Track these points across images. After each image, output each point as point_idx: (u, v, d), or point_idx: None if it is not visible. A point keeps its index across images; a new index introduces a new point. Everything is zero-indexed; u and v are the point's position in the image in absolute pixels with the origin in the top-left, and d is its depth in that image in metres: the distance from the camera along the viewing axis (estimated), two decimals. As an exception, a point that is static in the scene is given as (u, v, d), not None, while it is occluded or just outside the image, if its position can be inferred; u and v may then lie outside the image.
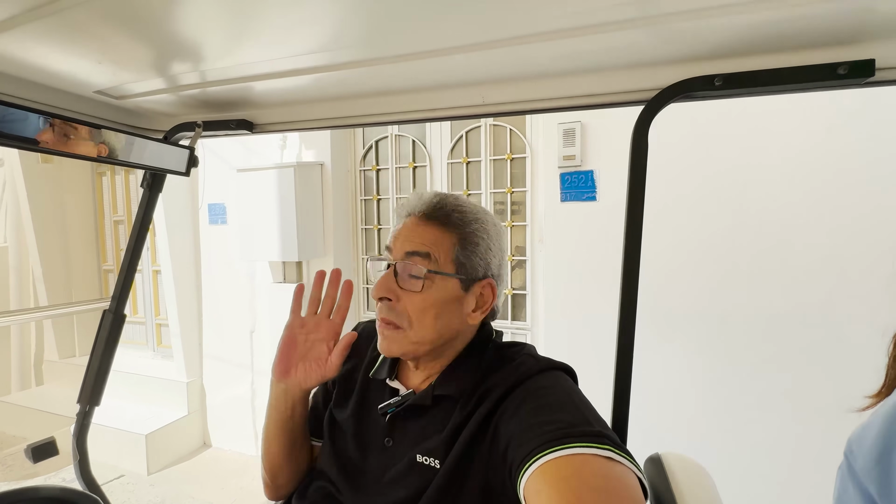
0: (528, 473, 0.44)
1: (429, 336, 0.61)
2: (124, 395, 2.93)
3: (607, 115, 1.82)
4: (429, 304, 0.61)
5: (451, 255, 0.62)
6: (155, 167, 0.88)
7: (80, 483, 1.06)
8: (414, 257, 0.61)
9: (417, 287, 0.61)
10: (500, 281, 0.66)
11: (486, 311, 0.64)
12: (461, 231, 0.63)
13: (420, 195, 0.66)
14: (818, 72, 0.58)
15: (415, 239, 0.62)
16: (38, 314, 2.88)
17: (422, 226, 0.63)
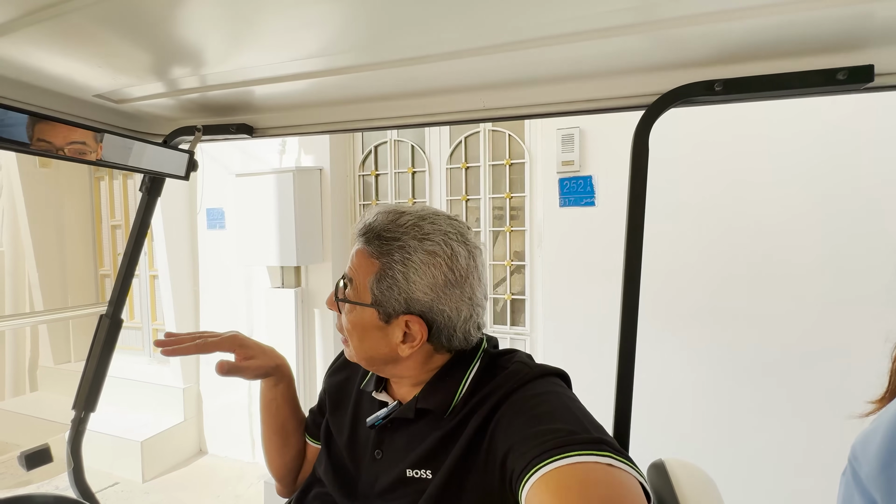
0: (530, 483, 0.43)
1: (359, 353, 0.62)
2: (119, 401, 2.90)
3: (606, 121, 1.83)
4: (351, 326, 0.61)
5: (367, 285, 0.58)
6: (154, 171, 0.87)
7: (75, 491, 1.04)
8: (344, 279, 0.62)
9: (340, 308, 0.62)
10: (439, 316, 0.57)
11: (415, 347, 0.58)
12: (380, 260, 0.58)
13: (367, 212, 0.63)
14: (818, 77, 0.58)
15: (350, 262, 0.62)
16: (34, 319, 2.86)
17: (358, 248, 0.61)
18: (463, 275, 0.58)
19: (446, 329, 0.59)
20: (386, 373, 0.64)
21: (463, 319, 0.59)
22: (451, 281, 0.57)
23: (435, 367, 0.62)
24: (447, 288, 0.57)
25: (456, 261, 0.57)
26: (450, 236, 0.58)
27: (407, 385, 0.64)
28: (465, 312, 0.59)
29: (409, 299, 0.57)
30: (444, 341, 0.59)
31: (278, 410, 0.77)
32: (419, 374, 0.62)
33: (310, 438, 0.80)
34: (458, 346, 0.61)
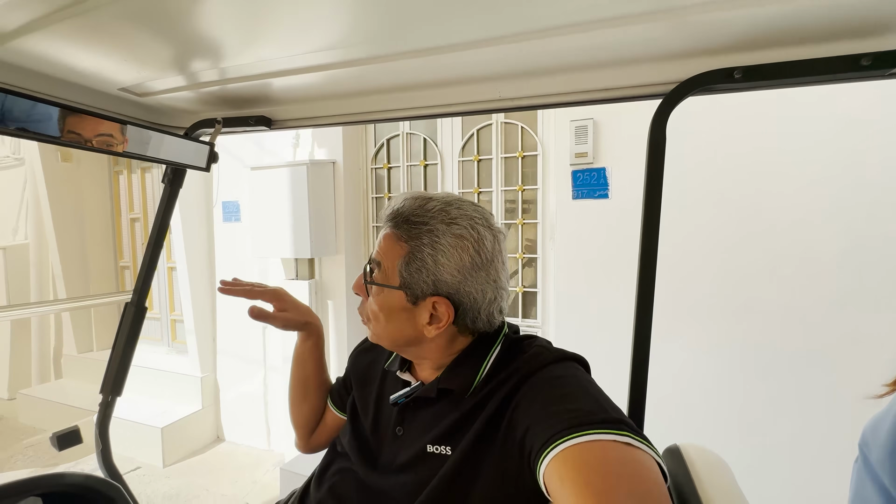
0: (548, 459, 0.44)
1: (385, 335, 0.65)
2: (140, 389, 2.99)
3: (620, 112, 1.81)
4: (378, 309, 0.63)
5: (396, 268, 0.61)
6: (176, 162, 0.90)
7: (103, 471, 1.08)
8: (371, 263, 0.64)
9: (368, 291, 0.65)
10: (465, 297, 0.59)
11: (441, 328, 0.60)
12: (409, 244, 0.60)
13: (393, 199, 0.66)
14: (840, 63, 0.57)
15: (378, 246, 0.64)
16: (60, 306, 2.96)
17: (386, 232, 0.64)
18: (488, 258, 0.60)
19: (471, 311, 0.60)
20: (409, 354, 0.67)
21: (487, 302, 0.61)
22: (477, 264, 0.59)
23: (457, 349, 0.64)
24: (473, 270, 0.59)
25: (482, 244, 0.60)
26: (476, 221, 0.60)
27: (429, 367, 0.66)
28: (489, 295, 0.61)
29: (437, 281, 0.59)
30: (469, 323, 0.61)
31: (304, 364, 0.85)
32: (441, 357, 0.64)
33: (332, 405, 0.85)
34: (481, 328, 0.63)
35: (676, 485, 0.51)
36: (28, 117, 0.68)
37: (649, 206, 0.69)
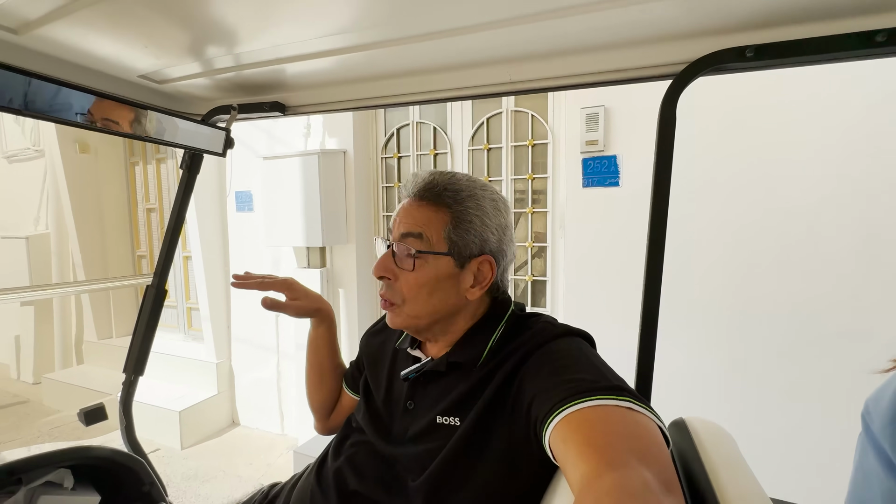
0: (553, 425, 0.46)
1: (424, 311, 0.65)
2: (159, 374, 3.07)
3: (631, 99, 1.80)
4: (422, 283, 0.64)
5: (443, 234, 0.63)
6: (193, 147, 0.92)
7: (126, 446, 1.13)
8: (407, 238, 0.64)
9: (410, 266, 0.64)
10: (501, 256, 0.67)
11: (485, 287, 0.65)
12: (453, 209, 0.64)
13: (416, 175, 0.67)
14: (855, 40, 0.57)
15: (408, 220, 0.65)
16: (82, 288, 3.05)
17: (416, 206, 0.65)
18: (511, 222, 0.70)
19: (503, 267, 0.68)
20: (437, 330, 0.67)
21: (510, 260, 0.70)
22: (507, 225, 0.68)
23: (479, 314, 0.68)
24: (507, 230, 0.68)
25: (508, 209, 0.69)
26: (496, 190, 0.69)
27: (441, 343, 0.69)
28: (511, 254, 0.69)
29: (483, 241, 0.65)
30: (500, 282, 0.68)
31: (318, 350, 0.88)
32: (460, 330, 0.67)
33: (347, 388, 0.88)
34: (503, 287, 0.70)
35: (681, 456, 0.52)
36: (56, 102, 0.70)
37: (658, 190, 0.69)
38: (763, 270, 1.64)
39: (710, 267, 1.72)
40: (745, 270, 1.67)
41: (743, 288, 1.68)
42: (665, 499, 0.33)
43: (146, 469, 1.10)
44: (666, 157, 0.67)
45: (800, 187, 1.58)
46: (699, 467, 0.47)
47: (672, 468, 0.39)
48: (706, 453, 0.48)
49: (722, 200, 1.69)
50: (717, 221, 1.70)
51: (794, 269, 1.60)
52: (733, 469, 0.46)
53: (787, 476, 1.62)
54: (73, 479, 1.01)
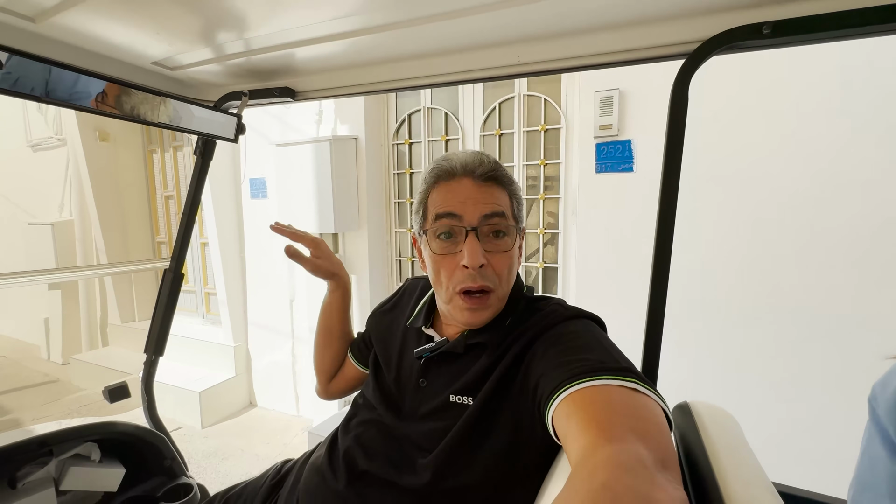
0: (557, 402, 0.47)
1: (507, 290, 0.66)
2: (179, 356, 3.18)
3: (647, 81, 1.75)
4: (513, 261, 0.65)
5: (511, 212, 0.66)
6: (206, 133, 0.94)
7: (149, 423, 1.18)
8: (494, 218, 0.63)
9: (507, 246, 0.64)
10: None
11: (520, 259, 0.68)
12: (510, 188, 0.66)
13: (465, 157, 0.65)
14: (881, 14, 0.54)
15: (488, 200, 0.63)
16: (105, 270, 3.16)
17: (485, 187, 0.63)
18: None
19: None
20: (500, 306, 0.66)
21: None
22: None
23: None
24: None
25: None
26: None
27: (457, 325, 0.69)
28: None
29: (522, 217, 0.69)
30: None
31: (330, 313, 0.92)
32: None
33: (352, 357, 0.91)
34: None
35: (684, 439, 0.52)
36: (73, 90, 0.72)
37: (668, 175, 0.68)
38: (775, 261, 1.61)
39: (721, 257, 1.68)
40: (756, 261, 1.63)
41: (754, 277, 1.64)
42: (659, 475, 0.34)
43: (167, 445, 1.15)
44: (677, 141, 0.66)
45: (812, 177, 1.53)
46: (700, 449, 0.47)
47: (671, 448, 0.39)
48: (708, 436, 0.49)
49: (734, 189, 1.64)
50: (728, 211, 1.66)
51: (806, 259, 1.56)
52: (735, 452, 0.46)
53: (798, 465, 1.60)
54: (100, 452, 1.06)
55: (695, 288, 1.71)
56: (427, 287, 0.80)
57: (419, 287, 0.83)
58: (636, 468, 0.34)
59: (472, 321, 0.64)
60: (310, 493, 0.67)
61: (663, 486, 0.32)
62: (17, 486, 0.95)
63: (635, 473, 0.33)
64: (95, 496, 1.05)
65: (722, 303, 1.70)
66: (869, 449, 0.44)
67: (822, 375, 1.57)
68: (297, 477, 0.73)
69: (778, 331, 1.63)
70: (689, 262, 1.70)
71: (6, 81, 0.66)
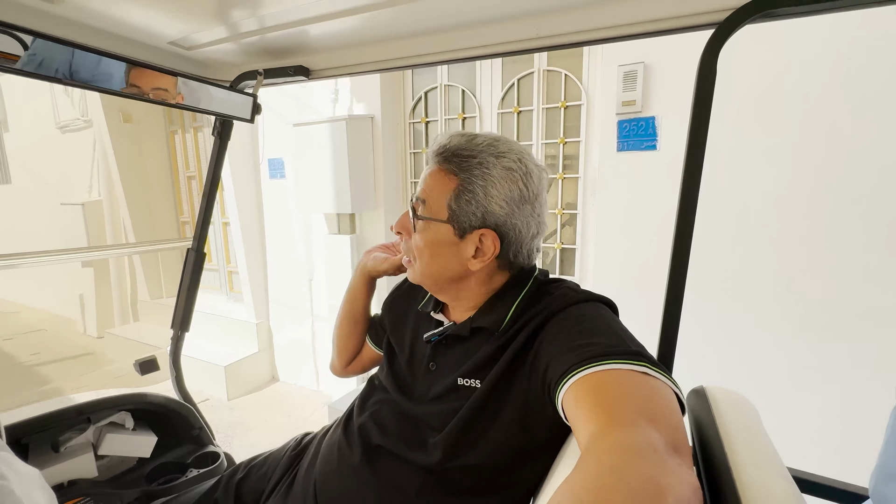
0: (567, 386, 0.47)
1: (429, 272, 0.66)
2: (205, 332, 3.31)
3: (673, 55, 1.67)
4: (424, 245, 0.65)
5: (444, 201, 0.62)
6: (223, 114, 0.94)
7: (177, 394, 1.24)
8: (416, 201, 0.65)
9: (419, 229, 0.65)
10: (511, 231, 0.62)
11: (486, 260, 0.62)
12: (459, 177, 0.61)
13: (439, 136, 0.65)
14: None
15: (422, 183, 0.65)
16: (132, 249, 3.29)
17: (431, 170, 0.65)
18: (535, 192, 0.62)
19: (515, 244, 0.63)
20: (448, 294, 0.69)
21: (530, 236, 0.64)
22: (524, 197, 0.61)
23: (494, 288, 0.67)
24: (521, 203, 0.61)
25: (529, 178, 0.62)
26: (523, 155, 0.62)
27: (462, 308, 0.69)
28: (532, 230, 0.64)
29: (486, 213, 0.61)
30: (511, 257, 0.64)
31: (356, 301, 0.91)
32: (477, 296, 0.67)
33: (369, 340, 0.93)
34: (521, 263, 0.66)
35: (698, 423, 0.52)
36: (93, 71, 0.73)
37: (692, 153, 0.65)
38: (804, 245, 1.54)
39: (747, 239, 1.63)
40: (785, 244, 1.57)
41: (782, 262, 1.58)
42: (670, 459, 0.33)
43: (195, 415, 1.21)
44: (703, 117, 0.63)
45: (847, 159, 1.44)
46: (714, 434, 0.46)
47: (683, 432, 0.39)
48: (723, 420, 0.48)
49: (763, 169, 1.57)
50: (758, 191, 1.59)
51: (838, 244, 1.49)
52: (750, 437, 0.45)
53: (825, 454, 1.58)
54: (133, 421, 1.13)
55: (720, 272, 1.67)
56: None
57: None
58: (646, 452, 0.33)
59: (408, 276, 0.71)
60: (327, 466, 0.70)
61: (674, 469, 0.32)
62: (59, 449, 1.02)
63: (645, 457, 0.33)
64: (130, 461, 1.12)
65: (747, 288, 1.66)
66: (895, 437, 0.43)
67: (849, 364, 1.53)
68: (315, 450, 0.76)
69: (804, 317, 1.58)
70: (714, 245, 1.65)
71: (31, 64, 0.67)
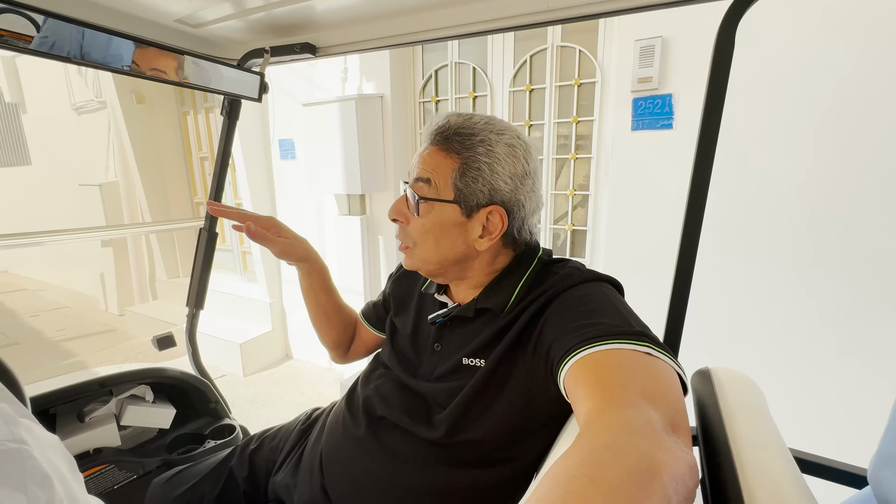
0: (569, 365, 0.47)
1: (432, 257, 0.65)
2: (221, 311, 3.39)
3: (693, 28, 1.60)
4: (428, 228, 0.63)
5: (449, 181, 0.61)
6: (231, 93, 0.94)
7: (193, 370, 1.29)
8: (417, 183, 0.63)
9: (423, 212, 0.63)
10: (517, 207, 0.62)
11: (494, 238, 0.62)
12: (462, 155, 0.61)
13: (433, 117, 0.64)
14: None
15: (421, 164, 0.63)
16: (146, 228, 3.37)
17: (429, 150, 0.63)
18: (534, 167, 0.64)
19: (518, 220, 0.64)
20: (452, 275, 0.68)
21: (531, 211, 0.65)
22: (527, 172, 0.63)
23: (498, 268, 0.67)
24: (525, 178, 0.62)
25: (529, 153, 0.63)
26: (519, 132, 0.64)
27: (467, 289, 0.69)
28: (533, 204, 0.65)
29: (493, 189, 0.61)
30: (516, 234, 0.65)
31: (317, 297, 0.87)
32: (481, 276, 0.67)
33: (367, 324, 0.90)
34: (524, 239, 0.66)
35: (700, 402, 0.52)
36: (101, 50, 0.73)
37: (706, 129, 0.63)
38: (821, 227, 1.50)
39: (762, 221, 1.59)
40: (802, 226, 1.53)
41: (797, 245, 1.55)
42: (667, 437, 0.33)
43: (211, 390, 1.25)
44: (718, 94, 0.61)
45: (880, 136, 1.38)
46: (716, 413, 0.46)
47: (682, 412, 0.39)
48: (726, 401, 0.48)
49: (779, 147, 1.52)
50: (773, 172, 1.54)
51: (855, 227, 1.44)
52: (752, 417, 0.45)
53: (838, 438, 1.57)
54: (153, 394, 1.17)
55: (733, 255, 1.64)
56: None
57: None
58: (643, 430, 0.33)
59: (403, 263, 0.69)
60: (332, 439, 0.72)
61: (670, 448, 0.32)
62: (84, 419, 1.07)
63: (642, 435, 0.33)
64: (151, 432, 1.17)
65: (762, 271, 1.63)
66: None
67: (865, 348, 1.50)
68: (323, 424, 0.78)
69: (819, 301, 1.55)
70: (728, 227, 1.62)
71: (44, 45, 0.68)
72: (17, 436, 0.34)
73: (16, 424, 0.35)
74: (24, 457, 0.33)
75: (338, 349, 0.93)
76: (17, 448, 0.33)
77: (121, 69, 0.75)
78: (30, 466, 0.33)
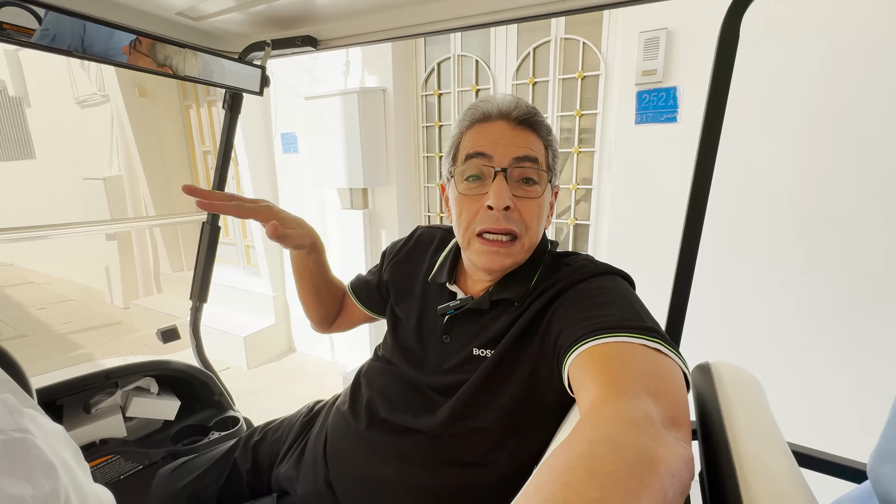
0: (575, 355, 0.47)
1: (534, 242, 0.64)
2: (224, 304, 3.41)
3: (699, 20, 1.58)
4: (541, 210, 0.63)
5: (546, 161, 0.63)
6: (232, 86, 0.94)
7: (198, 362, 1.30)
8: (526, 162, 0.60)
9: (536, 192, 0.61)
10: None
11: (551, 217, 0.66)
12: (546, 138, 0.63)
13: (501, 100, 0.62)
14: None
15: (521, 144, 0.60)
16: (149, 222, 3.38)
17: (519, 131, 0.61)
18: None
19: None
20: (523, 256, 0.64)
21: None
22: None
23: None
24: None
25: None
26: None
27: (480, 281, 0.68)
28: None
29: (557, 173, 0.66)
30: None
31: (311, 276, 0.83)
32: None
33: (358, 302, 0.88)
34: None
35: (700, 398, 0.52)
36: (103, 43, 0.73)
37: (710, 121, 0.62)
38: (826, 221, 1.48)
39: (768, 216, 1.57)
40: (807, 221, 1.52)
41: (802, 239, 1.53)
42: (665, 432, 0.33)
43: (215, 382, 1.27)
44: (722, 86, 0.60)
45: (884, 132, 1.36)
46: (715, 408, 0.46)
47: (684, 408, 0.39)
48: (726, 396, 0.48)
49: (786, 140, 1.50)
50: (780, 164, 1.53)
51: (863, 222, 1.43)
52: (750, 411, 0.45)
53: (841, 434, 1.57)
54: (157, 386, 1.19)
55: (735, 250, 1.63)
56: (446, 240, 0.78)
57: (436, 238, 0.80)
58: (642, 423, 0.34)
59: (490, 265, 0.61)
60: (335, 433, 0.72)
61: (668, 442, 0.32)
62: (91, 411, 1.08)
63: (641, 429, 0.33)
64: (156, 423, 1.19)
65: (763, 266, 1.62)
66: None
67: (867, 344, 1.49)
68: (325, 417, 0.79)
69: (822, 296, 1.54)
70: (730, 223, 1.61)
71: (46, 38, 0.68)
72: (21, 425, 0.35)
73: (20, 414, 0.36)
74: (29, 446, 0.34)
75: (323, 323, 0.91)
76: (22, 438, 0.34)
77: (122, 63, 0.75)
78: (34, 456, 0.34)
